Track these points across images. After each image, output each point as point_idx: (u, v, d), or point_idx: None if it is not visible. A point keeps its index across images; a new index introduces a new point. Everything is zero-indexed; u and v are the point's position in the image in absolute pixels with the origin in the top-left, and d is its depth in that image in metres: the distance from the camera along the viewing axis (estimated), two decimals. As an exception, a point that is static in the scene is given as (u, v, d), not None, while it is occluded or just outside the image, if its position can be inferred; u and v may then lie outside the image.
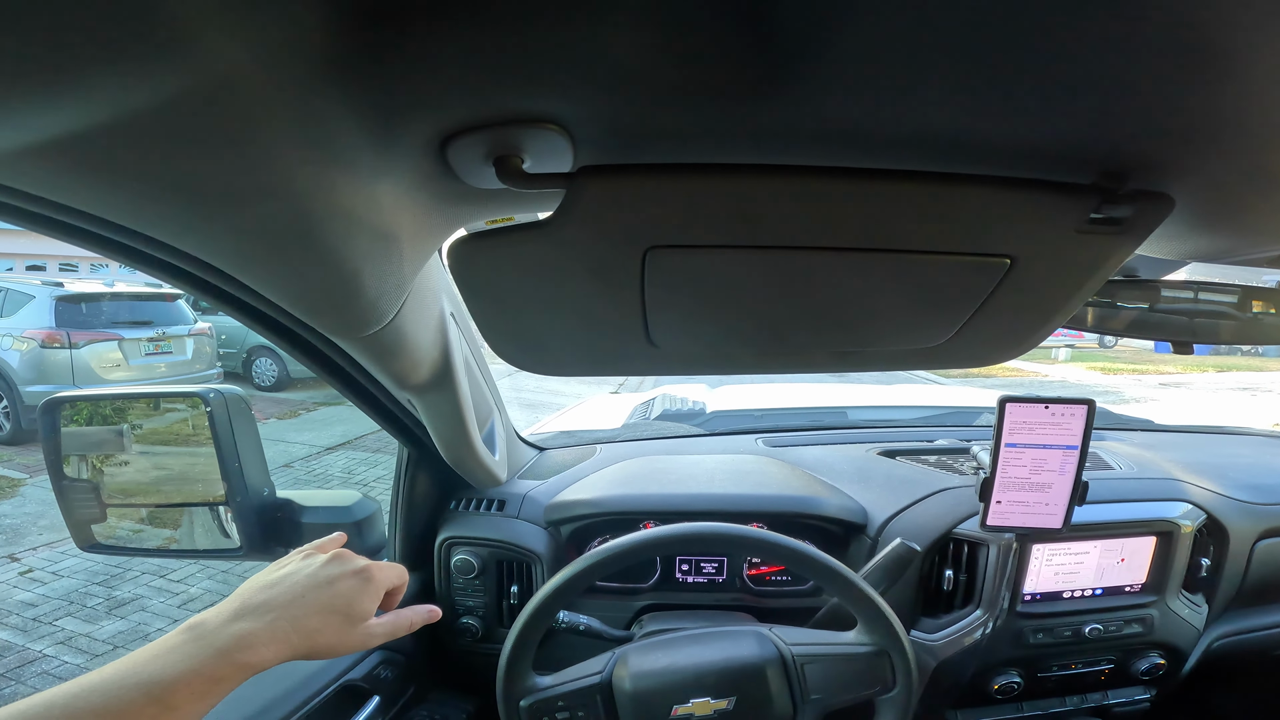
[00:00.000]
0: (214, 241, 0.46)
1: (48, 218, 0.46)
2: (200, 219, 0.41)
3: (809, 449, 1.44)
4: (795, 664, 0.86)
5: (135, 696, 0.42)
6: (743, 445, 1.49)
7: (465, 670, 1.18)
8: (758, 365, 0.66)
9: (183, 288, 0.59)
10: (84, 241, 0.49)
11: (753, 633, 0.90)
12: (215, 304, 0.62)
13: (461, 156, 0.41)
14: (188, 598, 3.54)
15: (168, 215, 0.41)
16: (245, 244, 0.45)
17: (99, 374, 6.17)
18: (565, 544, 1.17)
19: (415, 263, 0.59)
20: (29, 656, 2.97)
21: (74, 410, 0.80)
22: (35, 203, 0.43)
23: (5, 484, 5.04)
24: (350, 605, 0.54)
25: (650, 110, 0.38)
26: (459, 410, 0.92)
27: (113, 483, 0.83)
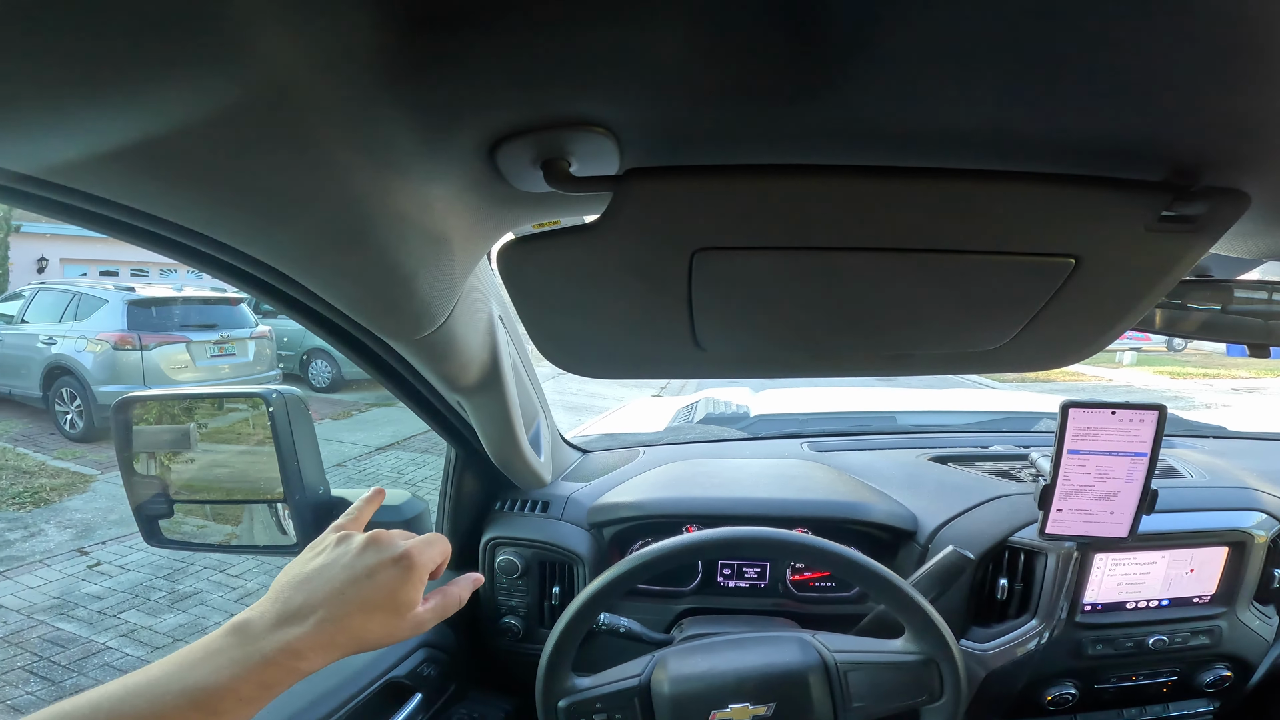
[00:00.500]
0: (277, 246, 0.47)
1: (123, 223, 0.48)
2: (264, 223, 0.42)
3: (856, 454, 1.42)
4: (838, 671, 0.85)
5: (180, 703, 0.41)
6: (787, 450, 1.47)
7: (505, 670, 1.19)
8: (806, 369, 0.65)
9: (248, 291, 0.61)
10: (156, 245, 0.52)
11: (795, 638, 0.89)
12: (278, 307, 0.64)
13: (510, 160, 0.42)
14: (245, 592, 3.66)
15: (234, 219, 0.42)
16: (307, 248, 0.46)
17: (168, 375, 6.47)
18: (608, 546, 1.18)
19: (466, 266, 0.59)
20: (92, 649, 3.10)
21: (144, 410, 0.84)
22: (111, 208, 0.45)
23: (78, 480, 5.32)
24: (394, 596, 0.50)
25: (697, 112, 0.38)
26: (506, 412, 0.93)
27: (179, 480, 0.87)
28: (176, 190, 0.38)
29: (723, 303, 0.51)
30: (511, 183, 0.45)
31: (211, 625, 3.30)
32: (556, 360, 0.59)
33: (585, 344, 0.59)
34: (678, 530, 1.15)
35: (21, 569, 3.83)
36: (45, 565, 3.90)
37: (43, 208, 0.44)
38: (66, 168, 0.35)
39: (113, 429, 0.82)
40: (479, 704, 1.16)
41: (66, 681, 2.85)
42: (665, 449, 1.48)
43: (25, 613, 3.37)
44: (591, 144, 0.40)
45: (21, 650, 3.04)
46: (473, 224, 0.52)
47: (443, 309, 0.60)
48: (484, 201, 0.49)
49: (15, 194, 0.42)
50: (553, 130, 0.39)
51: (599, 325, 0.55)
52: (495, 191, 0.47)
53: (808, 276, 0.49)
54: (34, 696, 2.72)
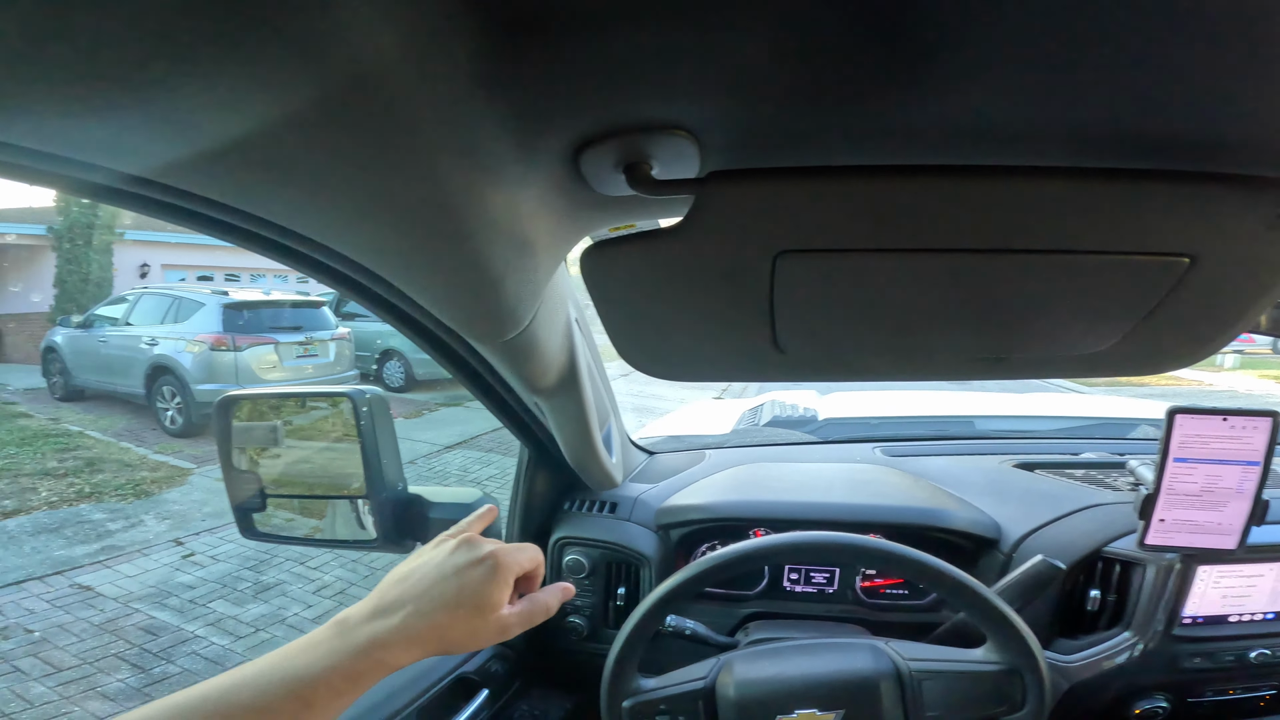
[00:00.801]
0: (375, 247, 0.49)
1: (226, 223, 0.50)
2: (363, 225, 0.44)
3: (933, 459, 1.38)
4: (912, 679, 0.82)
5: (279, 693, 0.43)
6: (858, 454, 1.44)
7: (567, 668, 1.20)
8: (893, 373, 0.64)
9: (343, 291, 0.64)
10: (257, 245, 0.54)
11: (867, 645, 0.88)
12: (370, 308, 0.67)
13: (593, 164, 0.42)
14: (322, 584, 3.84)
15: (334, 220, 0.44)
16: (402, 250, 0.48)
17: (258, 374, 6.90)
18: (674, 548, 1.18)
19: (548, 269, 0.60)
20: (182, 636, 3.29)
21: (243, 407, 0.89)
22: (215, 208, 0.47)
23: (176, 473, 5.71)
24: (478, 596, 0.50)
25: (781, 114, 0.38)
26: (583, 414, 0.95)
27: (271, 475, 0.91)
28: (279, 190, 0.40)
29: (807, 305, 0.51)
30: (593, 186, 0.45)
31: (290, 615, 3.46)
32: (636, 363, 0.60)
33: (665, 347, 0.59)
34: (745, 534, 1.14)
35: (121, 558, 4.11)
36: (143, 555, 4.18)
37: (152, 209, 0.47)
38: (175, 168, 0.37)
39: (214, 426, 0.87)
40: (539, 701, 1.18)
41: (155, 669, 3.01)
42: (732, 452, 1.47)
43: (123, 601, 3.61)
44: (673, 147, 0.41)
45: (116, 638, 3.25)
46: (555, 227, 0.53)
47: (527, 312, 0.61)
48: (566, 205, 0.50)
49: (124, 195, 0.45)
50: (635, 134, 0.40)
51: (679, 328, 0.55)
52: (577, 195, 0.48)
53: (897, 279, 0.49)
54: (124, 683, 2.89)
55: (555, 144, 0.41)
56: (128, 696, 2.78)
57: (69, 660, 3.03)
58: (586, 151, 0.41)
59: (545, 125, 0.39)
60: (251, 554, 4.19)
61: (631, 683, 0.86)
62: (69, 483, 5.34)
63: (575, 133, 0.40)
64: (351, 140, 0.33)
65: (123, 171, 0.39)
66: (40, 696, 2.75)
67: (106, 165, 0.37)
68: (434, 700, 0.98)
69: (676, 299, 0.51)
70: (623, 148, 0.41)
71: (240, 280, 13.82)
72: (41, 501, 4.96)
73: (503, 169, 0.41)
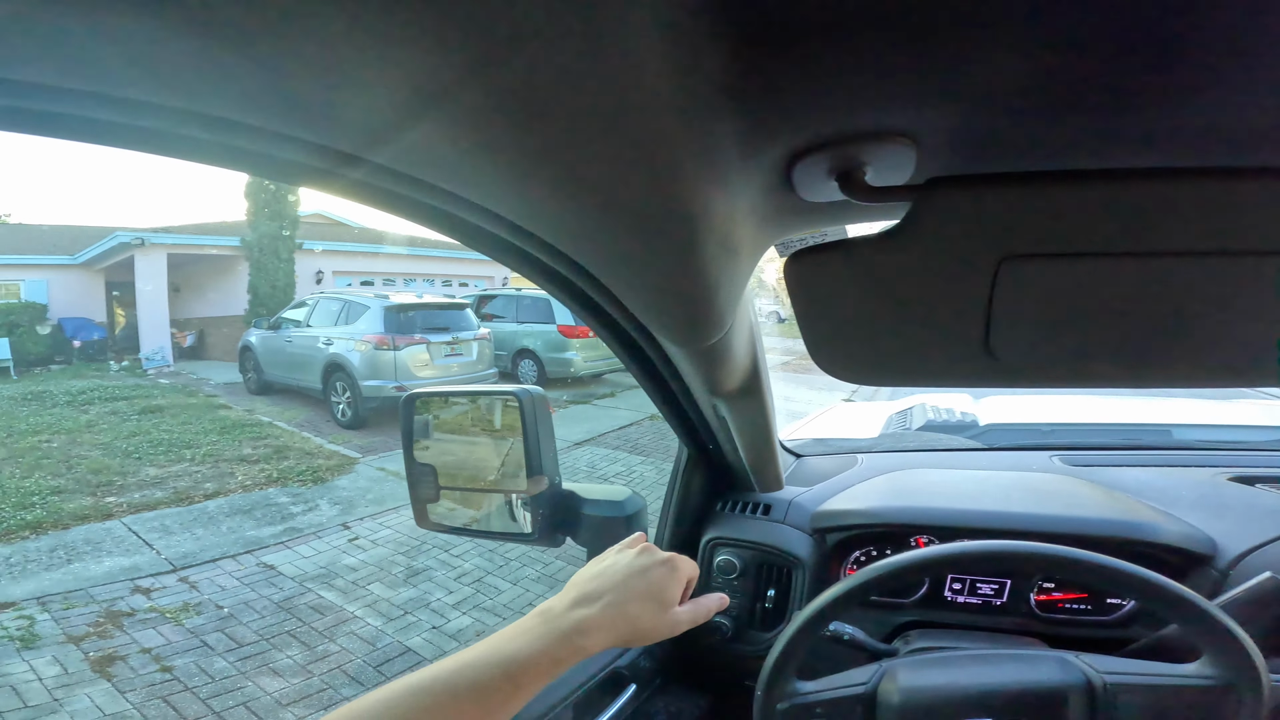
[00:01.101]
0: (597, 250, 0.52)
1: (448, 214, 0.53)
2: (590, 227, 0.46)
3: (1127, 470, 1.25)
4: (1106, 693, 0.77)
5: (496, 674, 0.48)
6: (1034, 462, 1.34)
7: (707, 667, 1.20)
8: (1118, 379, 0.60)
9: (551, 288, 0.68)
10: (474, 240, 0.58)
11: (1054, 657, 0.83)
12: (574, 307, 0.71)
13: (806, 171, 0.44)
14: (462, 571, 4.10)
15: (564, 222, 0.47)
16: (624, 253, 0.50)
17: (413, 372, 7.55)
18: (830, 552, 1.15)
19: (747, 276, 0.62)
20: (344, 617, 3.60)
21: (425, 404, 0.97)
22: (444, 198, 0.50)
23: (345, 462, 6.33)
24: (662, 591, 0.58)
25: (1009, 120, 0.38)
26: (765, 415, 0.97)
27: (445, 468, 0.98)
28: (515, 187, 0.42)
29: (1030, 310, 0.50)
30: (799, 192, 0.47)
31: (434, 600, 3.69)
32: (830, 367, 0.60)
33: (864, 351, 0.59)
34: (906, 541, 1.12)
35: (299, 540, 4.60)
36: (317, 537, 4.65)
37: (395, 205, 0.50)
38: (421, 163, 0.41)
39: (400, 420, 0.95)
40: (676, 698, 1.18)
41: (319, 646, 3.31)
42: (886, 456, 1.42)
43: (298, 580, 4.02)
44: (891, 153, 0.42)
45: (290, 615, 3.61)
46: (755, 234, 0.55)
47: (729, 317, 0.64)
48: (770, 211, 0.52)
49: (379, 192, 0.48)
50: (853, 141, 0.41)
51: (885, 333, 0.56)
52: (782, 201, 0.50)
53: (1129, 283, 0.47)
54: (292, 660, 3.20)
55: (775, 151, 0.42)
56: (294, 673, 3.09)
57: (249, 636, 3.39)
58: (803, 159, 0.42)
59: (771, 133, 0.41)
60: (404, 540, 4.55)
61: (789, 685, 0.86)
62: (260, 468, 6.10)
63: (795, 140, 0.41)
64: (597, 142, 0.34)
65: (395, 170, 0.43)
66: (221, 671, 3.08)
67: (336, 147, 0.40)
68: (589, 693, 1.01)
69: (885, 304, 0.52)
70: (838, 155, 0.42)
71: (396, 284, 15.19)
72: (237, 485, 5.70)
73: (727, 177, 0.42)
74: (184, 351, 13.64)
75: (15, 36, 0.27)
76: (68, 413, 8.12)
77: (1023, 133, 0.40)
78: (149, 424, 7.62)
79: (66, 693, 2.84)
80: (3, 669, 2.98)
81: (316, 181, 0.45)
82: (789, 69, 0.34)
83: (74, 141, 0.37)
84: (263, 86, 0.32)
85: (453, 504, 1.05)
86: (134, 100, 0.34)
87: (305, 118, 0.36)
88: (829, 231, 0.59)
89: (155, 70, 0.31)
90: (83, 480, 5.69)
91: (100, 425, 7.55)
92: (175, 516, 5.00)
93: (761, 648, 1.10)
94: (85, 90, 0.32)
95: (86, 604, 3.64)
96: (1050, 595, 1.05)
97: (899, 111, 0.38)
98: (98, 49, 0.29)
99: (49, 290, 13.04)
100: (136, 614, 3.56)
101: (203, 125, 0.36)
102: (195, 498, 5.39)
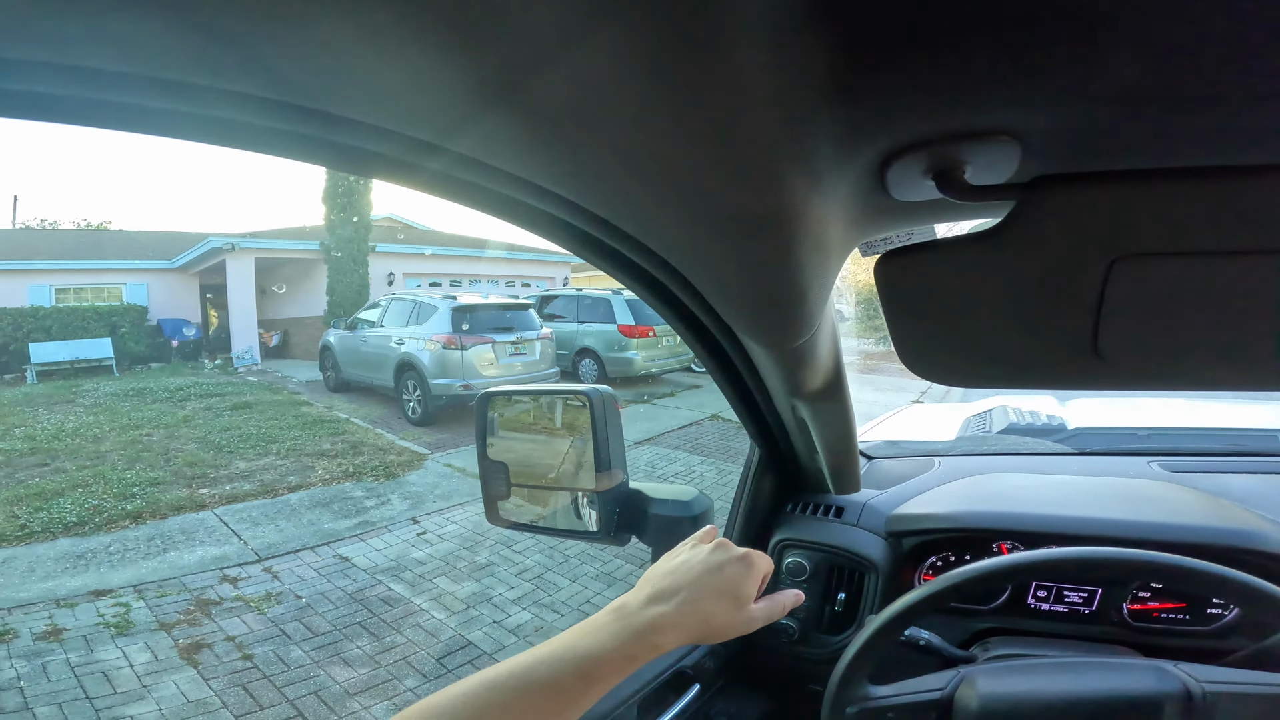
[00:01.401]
0: (691, 253, 0.52)
1: (545, 213, 0.54)
2: (686, 229, 0.47)
3: (1231, 477, 1.19)
4: (1205, 702, 0.74)
5: (570, 670, 0.48)
6: (1128, 467, 1.27)
7: (770, 669, 1.19)
8: (1238, 382, 0.58)
9: (638, 289, 0.69)
10: (567, 239, 0.59)
11: (1149, 665, 0.80)
12: (657, 306, 0.72)
13: (901, 170, 0.43)
14: (524, 567, 4.18)
15: (658, 225, 0.48)
16: (718, 255, 0.50)
17: (479, 371, 7.78)
18: (905, 557, 1.12)
19: (834, 276, 0.62)
20: (411, 609, 3.71)
21: (498, 403, 0.98)
22: (545, 199, 0.50)
23: (415, 458, 6.56)
24: (738, 588, 0.57)
25: (1122, 118, 0.37)
26: (846, 416, 0.96)
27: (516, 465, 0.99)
28: (613, 186, 0.43)
29: (1144, 311, 0.49)
30: (892, 192, 0.46)
31: (495, 595, 3.77)
32: (921, 369, 0.59)
33: (959, 352, 0.58)
34: (987, 547, 1.09)
35: (371, 533, 4.79)
36: (388, 530, 4.84)
37: (477, 198, 0.51)
38: (511, 156, 0.42)
39: (475, 418, 0.97)
40: (736, 700, 1.17)
41: (386, 637, 3.43)
42: (965, 460, 1.38)
43: (370, 572, 4.18)
44: (992, 152, 0.41)
45: (361, 606, 3.76)
46: (846, 234, 0.55)
47: (817, 318, 0.64)
48: (860, 211, 0.51)
49: (462, 185, 0.49)
50: (953, 141, 0.40)
51: (981, 333, 0.55)
52: (873, 201, 0.49)
53: (1250, 282, 0.46)
54: (361, 650, 3.32)
55: (870, 152, 0.42)
56: (362, 663, 3.21)
57: (324, 626, 3.55)
58: (898, 159, 0.42)
59: (868, 134, 0.40)
60: (469, 535, 4.69)
61: (860, 689, 0.84)
62: (338, 463, 6.40)
63: (891, 141, 0.41)
64: (699, 145, 0.34)
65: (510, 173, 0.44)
66: (296, 660, 3.23)
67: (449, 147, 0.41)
68: (653, 692, 1.01)
69: (984, 304, 0.51)
70: (936, 154, 0.41)
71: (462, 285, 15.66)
72: (317, 479, 6.00)
73: (821, 178, 0.42)
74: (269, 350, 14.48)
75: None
76: (166, 408, 8.74)
77: (1137, 130, 0.39)
78: (239, 419, 8.12)
79: (155, 679, 3.02)
80: (96, 655, 3.19)
81: (414, 176, 0.45)
82: (891, 71, 0.34)
83: (158, 137, 0.38)
84: (347, 75, 0.32)
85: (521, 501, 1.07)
86: (218, 90, 0.34)
87: (403, 108, 0.36)
88: (915, 231, 0.58)
89: (251, 63, 0.31)
90: (179, 472, 6.11)
91: (195, 420, 8.10)
92: (261, 508, 5.29)
93: (827, 651, 1.09)
94: (162, 79, 0.33)
95: (179, 592, 3.89)
96: (1144, 604, 1.00)
97: (1003, 111, 0.38)
98: (184, 40, 0.29)
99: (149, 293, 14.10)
100: (223, 602, 3.78)
101: (298, 118, 0.37)
102: (279, 490, 5.70)
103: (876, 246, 0.57)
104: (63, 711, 2.76)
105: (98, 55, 0.31)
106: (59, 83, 0.32)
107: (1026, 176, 0.43)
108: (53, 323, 12.13)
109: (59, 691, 2.89)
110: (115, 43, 0.30)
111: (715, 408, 7.97)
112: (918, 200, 0.47)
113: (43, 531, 4.70)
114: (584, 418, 0.92)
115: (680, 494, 1.02)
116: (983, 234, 0.45)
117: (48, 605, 3.65)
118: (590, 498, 0.97)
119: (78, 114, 0.35)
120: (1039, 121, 0.39)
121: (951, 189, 0.42)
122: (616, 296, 9.64)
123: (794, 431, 1.07)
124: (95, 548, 4.48)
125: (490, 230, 18.75)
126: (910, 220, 0.56)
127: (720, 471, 5.77)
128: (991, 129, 0.39)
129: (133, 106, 0.35)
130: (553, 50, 0.27)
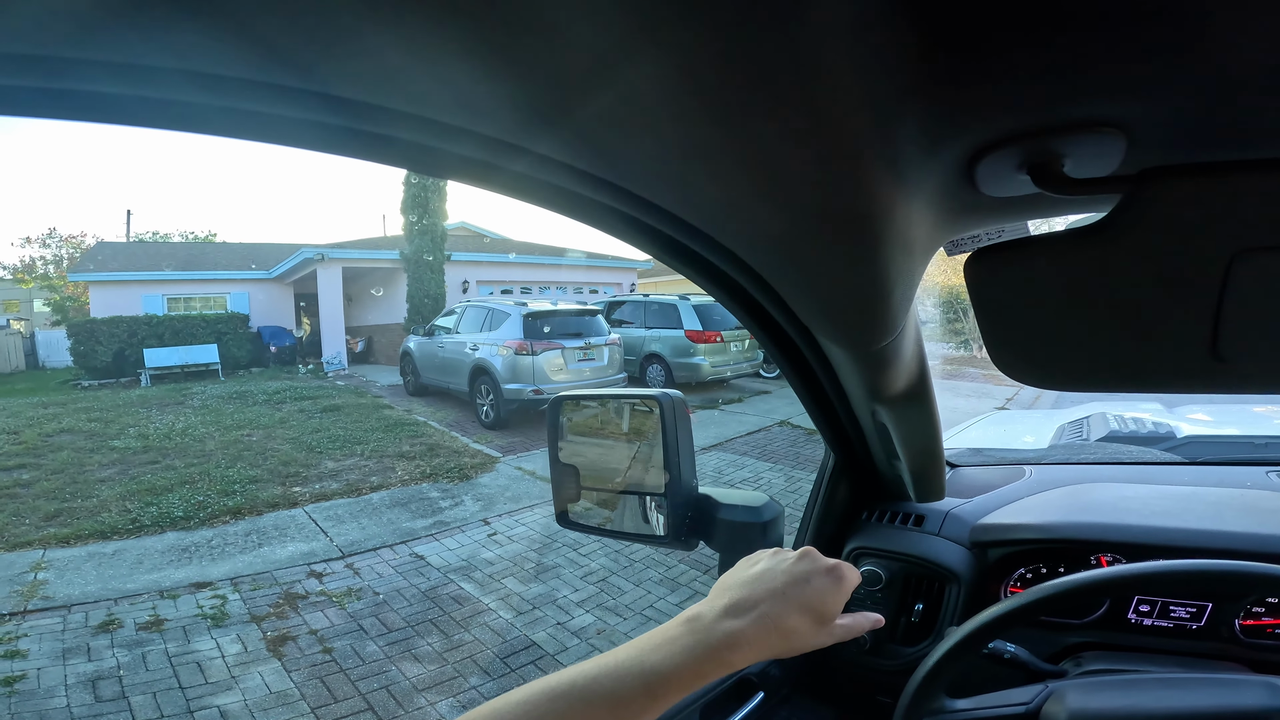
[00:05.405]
0: (773, 256, 0.52)
1: (638, 220, 0.54)
2: (774, 231, 0.46)
3: None
4: None
5: (635, 684, 0.45)
6: (1246, 478, 1.18)
7: (839, 680, 1.16)
8: None
9: (716, 293, 0.69)
10: (651, 244, 0.59)
11: (1260, 682, 0.75)
12: (734, 309, 0.72)
13: (991, 167, 0.42)
14: (589, 570, 4.21)
15: (744, 229, 0.47)
16: (802, 256, 0.50)
17: (549, 376, 7.94)
18: (990, 568, 1.07)
19: (920, 276, 0.60)
20: (479, 608, 3.80)
21: (569, 407, 1.00)
22: (616, 196, 0.50)
23: (488, 461, 6.74)
24: (824, 604, 0.53)
25: (1239, 107, 0.36)
26: (932, 421, 0.93)
27: (586, 469, 1.00)
28: (696, 187, 0.42)
29: (1270, 309, 0.45)
30: (982, 188, 0.45)
31: (560, 597, 3.82)
32: (1016, 372, 0.56)
33: (1060, 354, 0.54)
34: (1083, 559, 1.02)
35: (445, 533, 4.95)
36: (461, 531, 4.98)
37: (557, 200, 0.51)
38: (615, 168, 0.42)
39: (548, 422, 0.98)
40: (801, 709, 1.14)
41: (455, 635, 3.52)
42: (1061, 469, 1.29)
43: (443, 571, 4.31)
44: (1094, 145, 0.39)
45: (434, 604, 3.87)
46: (932, 231, 0.53)
47: (901, 319, 0.62)
48: (947, 208, 0.50)
49: (576, 199, 0.50)
50: (1050, 133, 0.39)
51: (1083, 335, 0.51)
52: (962, 197, 0.48)
53: None
54: (431, 647, 3.41)
55: (960, 146, 0.41)
56: (431, 659, 3.31)
57: (398, 622, 3.68)
58: (990, 153, 0.41)
59: (957, 129, 0.39)
60: (537, 537, 4.76)
61: (936, 702, 0.81)
62: (416, 464, 6.66)
63: (984, 134, 0.40)
64: (787, 145, 0.34)
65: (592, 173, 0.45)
66: (371, 655, 3.36)
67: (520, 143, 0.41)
68: (717, 699, 0.99)
69: (1088, 304, 0.48)
70: (1032, 148, 0.40)
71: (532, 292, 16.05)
72: (397, 479, 6.25)
73: (907, 175, 0.41)
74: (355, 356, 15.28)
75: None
76: (264, 410, 9.35)
77: (1255, 119, 0.37)
78: (328, 421, 8.59)
79: (243, 670, 3.20)
80: (192, 645, 3.40)
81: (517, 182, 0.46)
82: (984, 62, 0.33)
83: (258, 142, 0.39)
84: (423, 75, 0.32)
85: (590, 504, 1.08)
86: (308, 93, 0.35)
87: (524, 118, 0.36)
88: (1007, 229, 0.56)
89: (344, 67, 0.32)
90: (274, 471, 6.50)
91: (290, 422, 8.63)
92: (346, 506, 5.56)
93: (900, 662, 1.05)
94: (272, 83, 0.34)
95: (270, 586, 4.11)
96: (1259, 620, 0.93)
97: (1106, 102, 0.36)
98: (272, 43, 0.30)
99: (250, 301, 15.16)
100: (309, 596, 3.98)
101: (390, 121, 0.38)
102: (363, 489, 5.97)
103: (963, 245, 0.54)
104: (156, 701, 2.93)
105: (226, 63, 0.32)
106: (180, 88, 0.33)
107: (1133, 168, 0.40)
108: (165, 330, 13.24)
109: (155, 681, 3.08)
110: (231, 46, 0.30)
111: (784, 414, 7.83)
112: (1009, 196, 0.45)
113: (152, 525, 5.08)
114: (652, 422, 0.92)
115: (750, 499, 1.00)
116: (1087, 229, 0.42)
117: (152, 596, 3.93)
118: (659, 502, 0.96)
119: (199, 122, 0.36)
120: (1146, 113, 0.37)
121: (1050, 183, 0.40)
122: (684, 302, 9.64)
123: (873, 437, 1.03)
124: (198, 541, 4.81)
125: (559, 238, 19.13)
126: (1000, 216, 0.53)
127: (789, 479, 5.66)
128: (1094, 120, 0.37)
129: (227, 110, 0.36)
130: (636, 51, 0.27)
